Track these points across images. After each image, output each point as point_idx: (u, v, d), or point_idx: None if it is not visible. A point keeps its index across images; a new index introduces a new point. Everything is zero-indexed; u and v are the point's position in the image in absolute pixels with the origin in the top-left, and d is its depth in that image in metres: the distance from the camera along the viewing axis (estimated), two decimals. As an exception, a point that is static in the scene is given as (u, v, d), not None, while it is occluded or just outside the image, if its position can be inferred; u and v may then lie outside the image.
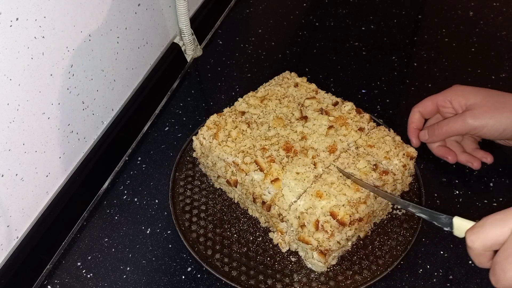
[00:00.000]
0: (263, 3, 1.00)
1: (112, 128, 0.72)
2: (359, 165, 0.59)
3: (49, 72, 0.57)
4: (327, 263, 0.57)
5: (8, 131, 0.53)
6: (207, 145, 0.63)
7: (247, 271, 0.58)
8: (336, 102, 0.67)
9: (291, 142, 0.62)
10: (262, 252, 0.60)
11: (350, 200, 0.55)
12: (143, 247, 0.63)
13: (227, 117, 0.65)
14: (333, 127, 0.63)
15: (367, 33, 0.92)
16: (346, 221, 0.54)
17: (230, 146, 0.62)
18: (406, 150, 0.61)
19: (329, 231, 0.53)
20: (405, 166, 0.60)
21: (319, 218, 0.54)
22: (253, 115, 0.66)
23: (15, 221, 0.58)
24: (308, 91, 0.69)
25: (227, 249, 0.60)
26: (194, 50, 0.88)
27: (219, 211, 0.64)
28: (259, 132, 0.63)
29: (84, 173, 0.67)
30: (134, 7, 0.71)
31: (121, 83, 0.73)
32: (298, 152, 0.61)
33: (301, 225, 0.55)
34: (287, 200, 0.56)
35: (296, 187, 0.57)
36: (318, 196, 0.56)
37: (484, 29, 0.91)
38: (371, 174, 0.58)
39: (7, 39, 0.50)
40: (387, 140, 0.62)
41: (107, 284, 0.60)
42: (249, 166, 0.59)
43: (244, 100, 0.68)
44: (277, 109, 0.66)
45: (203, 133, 0.64)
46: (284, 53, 0.89)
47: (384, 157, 0.60)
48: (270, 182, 0.57)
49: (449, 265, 0.59)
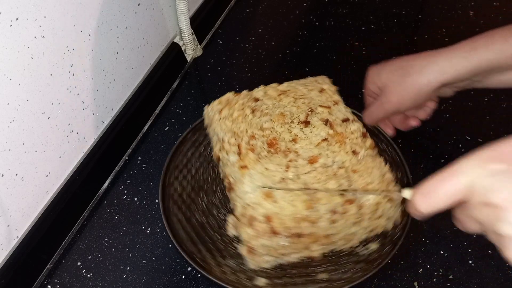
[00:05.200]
0: (263, 3, 1.00)
1: (112, 127, 0.72)
2: (329, 185, 0.56)
3: (49, 72, 0.57)
4: (255, 262, 0.58)
5: (8, 131, 0.53)
6: (211, 117, 0.66)
7: (192, 239, 0.61)
8: (346, 119, 0.64)
9: (280, 140, 0.62)
10: (217, 228, 0.63)
11: (296, 214, 0.55)
12: (143, 246, 0.63)
13: (240, 98, 0.67)
14: (327, 140, 0.61)
15: (367, 32, 0.92)
16: (279, 230, 0.54)
17: (227, 124, 0.63)
18: (390, 193, 0.57)
19: (256, 232, 0.54)
20: (378, 204, 0.56)
21: (257, 216, 0.55)
22: (264, 104, 0.66)
23: (15, 221, 0.58)
24: (329, 99, 0.66)
25: (189, 212, 0.64)
26: (194, 50, 0.88)
27: (204, 180, 0.67)
28: (258, 121, 0.64)
29: (84, 173, 0.67)
30: (134, 6, 0.71)
31: (121, 83, 0.73)
32: (280, 151, 0.61)
33: (242, 214, 0.57)
34: (243, 188, 0.57)
35: (258, 181, 0.57)
36: (267, 197, 0.55)
37: (484, 29, 0.91)
38: (335, 198, 0.55)
39: (7, 38, 0.50)
40: (374, 172, 0.58)
41: (107, 284, 0.60)
42: (231, 147, 0.61)
43: (264, 88, 0.68)
44: (287, 106, 0.66)
45: (213, 105, 0.67)
46: (284, 53, 0.89)
47: (361, 187, 0.57)
48: (239, 167, 0.59)
49: (449, 265, 0.59)
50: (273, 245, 0.55)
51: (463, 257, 0.60)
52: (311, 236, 0.56)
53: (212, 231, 0.62)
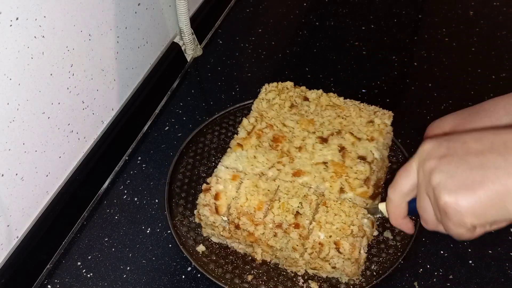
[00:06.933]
0: (263, 3, 1.00)
1: (112, 127, 0.72)
2: (290, 201, 0.56)
3: (49, 71, 0.57)
4: (204, 230, 0.61)
5: (8, 131, 0.53)
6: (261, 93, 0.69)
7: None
8: (363, 157, 0.60)
9: (287, 141, 0.62)
10: None
11: (244, 206, 0.56)
12: (143, 246, 0.63)
13: (293, 91, 0.68)
14: (326, 164, 0.59)
15: (367, 32, 0.92)
16: (220, 210, 0.56)
17: (263, 105, 0.67)
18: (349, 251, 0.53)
19: (204, 201, 0.58)
20: (322, 245, 0.54)
21: (212, 189, 0.58)
22: (307, 106, 0.66)
23: (15, 220, 0.58)
24: (366, 133, 0.63)
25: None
26: (194, 50, 0.88)
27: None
28: (287, 116, 0.65)
29: (84, 172, 0.67)
30: (134, 6, 0.71)
31: (121, 83, 0.73)
32: (279, 149, 0.61)
33: (209, 181, 0.59)
34: (224, 161, 0.61)
35: (239, 162, 0.60)
36: (233, 179, 0.58)
37: (484, 29, 0.91)
38: (287, 214, 0.55)
39: (7, 38, 0.50)
40: (342, 218, 0.55)
41: (107, 284, 0.60)
42: (248, 126, 0.64)
43: (320, 93, 0.68)
44: (324, 118, 0.65)
45: (270, 86, 0.70)
46: (284, 53, 0.89)
47: (316, 222, 0.55)
48: (236, 143, 0.62)
49: (449, 265, 0.59)
50: (215, 223, 0.58)
51: (463, 257, 0.60)
52: (250, 235, 0.56)
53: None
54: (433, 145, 0.40)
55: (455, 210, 0.37)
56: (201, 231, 0.62)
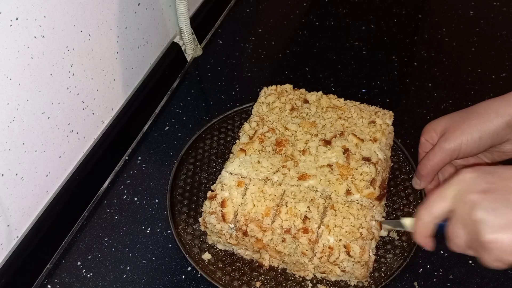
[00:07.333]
0: (263, 3, 1.00)
1: (112, 127, 0.72)
2: (298, 206, 0.55)
3: (49, 71, 0.57)
4: (210, 237, 0.60)
5: (8, 131, 0.53)
6: (260, 97, 0.69)
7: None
8: (368, 158, 0.60)
9: (291, 145, 0.62)
10: None
11: (252, 213, 0.55)
12: (143, 246, 0.63)
13: (293, 93, 0.68)
14: (331, 167, 0.59)
15: (367, 32, 0.92)
16: (227, 218, 0.56)
17: (263, 109, 0.66)
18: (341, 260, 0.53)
19: (210, 209, 0.57)
20: (332, 249, 0.53)
21: (217, 196, 0.57)
22: (307, 108, 0.66)
23: (15, 220, 0.58)
24: (369, 134, 0.63)
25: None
26: (194, 50, 0.88)
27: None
28: (288, 119, 0.65)
29: (84, 172, 0.67)
30: (134, 6, 0.71)
31: (121, 83, 0.73)
32: (283, 153, 0.61)
33: (214, 188, 0.59)
34: (228, 167, 0.60)
35: (243, 167, 0.59)
36: (239, 185, 0.58)
37: (484, 29, 0.91)
38: (295, 219, 0.54)
39: (7, 38, 0.50)
40: (351, 220, 0.55)
41: (107, 284, 0.60)
42: (249, 130, 0.64)
43: (320, 94, 0.68)
44: (325, 120, 0.64)
45: (269, 89, 0.69)
46: (284, 53, 0.89)
47: (324, 229, 0.54)
48: (240, 148, 0.62)
49: (449, 265, 0.59)
50: (222, 230, 0.57)
51: (463, 257, 0.60)
52: (258, 242, 0.55)
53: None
54: (473, 176, 0.43)
55: (497, 248, 0.40)
56: (206, 239, 0.61)
